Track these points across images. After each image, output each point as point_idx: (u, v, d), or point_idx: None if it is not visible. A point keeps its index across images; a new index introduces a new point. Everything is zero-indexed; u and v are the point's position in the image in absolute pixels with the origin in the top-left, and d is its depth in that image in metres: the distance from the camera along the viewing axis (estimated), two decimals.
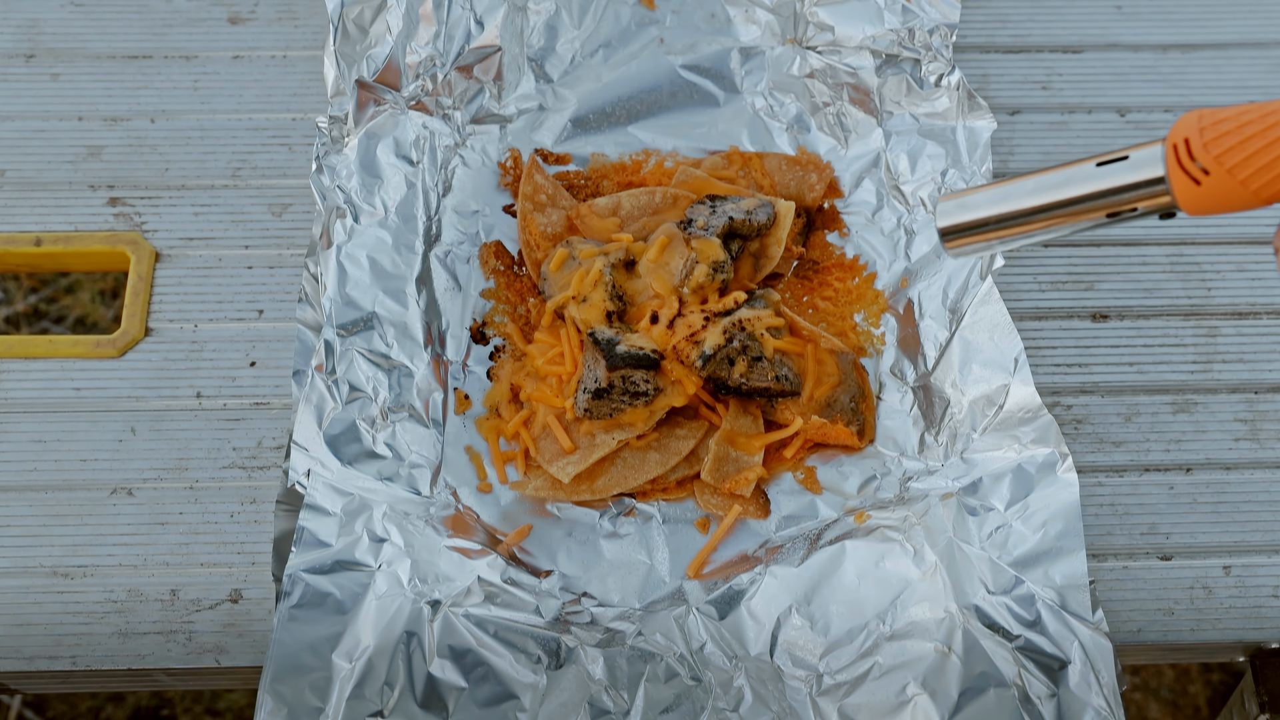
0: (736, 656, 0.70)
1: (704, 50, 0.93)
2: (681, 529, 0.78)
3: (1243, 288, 0.86)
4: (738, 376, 0.78)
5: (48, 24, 0.96)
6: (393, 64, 0.86)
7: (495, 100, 0.91)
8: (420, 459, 0.78)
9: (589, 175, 0.90)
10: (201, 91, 0.93)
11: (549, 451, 0.79)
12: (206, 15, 0.96)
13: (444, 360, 0.82)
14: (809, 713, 0.68)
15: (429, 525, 0.74)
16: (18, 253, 0.87)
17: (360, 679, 0.67)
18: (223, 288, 0.86)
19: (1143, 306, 0.86)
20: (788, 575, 0.72)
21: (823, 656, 0.69)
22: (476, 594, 0.71)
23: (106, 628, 0.74)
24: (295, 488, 0.73)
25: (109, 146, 0.91)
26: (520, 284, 0.86)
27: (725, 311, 0.79)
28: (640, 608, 0.74)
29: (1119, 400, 0.83)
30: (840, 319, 0.84)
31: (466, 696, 0.67)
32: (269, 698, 0.66)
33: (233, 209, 0.89)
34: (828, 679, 0.69)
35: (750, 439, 0.79)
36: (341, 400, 0.76)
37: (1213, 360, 0.84)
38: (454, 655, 0.68)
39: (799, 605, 0.71)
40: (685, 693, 0.69)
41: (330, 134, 0.84)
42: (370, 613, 0.69)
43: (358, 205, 0.83)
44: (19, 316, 1.65)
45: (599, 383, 0.76)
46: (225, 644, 0.75)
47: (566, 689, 0.68)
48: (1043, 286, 0.86)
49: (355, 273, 0.81)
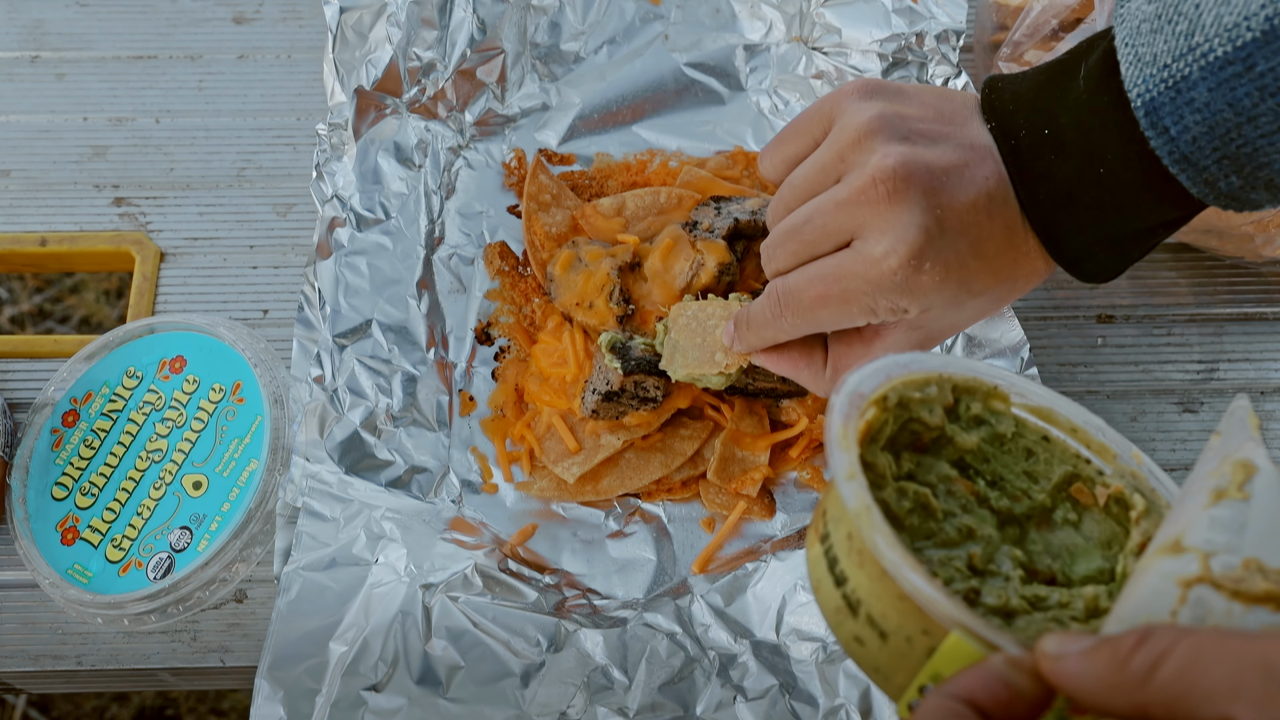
0: (743, 637, 0.70)
1: (709, 47, 0.93)
2: (687, 528, 0.78)
3: (1248, 289, 0.86)
4: (743, 376, 0.78)
5: (53, 24, 0.96)
6: (393, 69, 0.86)
7: (499, 101, 0.91)
8: (424, 462, 0.78)
9: (593, 175, 0.90)
10: (206, 92, 0.93)
11: (554, 452, 0.79)
12: (211, 15, 0.97)
13: (447, 363, 0.82)
14: (815, 682, 0.68)
15: (430, 526, 0.74)
16: (23, 252, 0.87)
17: (356, 657, 0.67)
18: (227, 288, 0.86)
19: (1149, 307, 0.86)
20: (793, 557, 0.73)
21: (829, 627, 0.70)
22: (475, 583, 0.71)
23: (111, 627, 0.74)
24: (295, 497, 0.73)
25: (114, 146, 0.91)
26: (525, 284, 0.86)
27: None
28: (644, 599, 0.75)
29: (1125, 401, 0.82)
30: None
31: (464, 674, 0.67)
32: (265, 683, 0.66)
33: (237, 209, 0.89)
34: (833, 647, 0.69)
35: (756, 439, 0.79)
36: (343, 408, 0.76)
37: (1219, 361, 0.84)
38: (451, 636, 0.68)
39: (804, 581, 0.71)
40: (687, 666, 0.69)
41: (330, 140, 0.84)
42: (367, 600, 0.69)
43: (358, 212, 0.83)
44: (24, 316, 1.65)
45: (610, 386, 0.76)
46: (230, 644, 0.75)
47: (566, 667, 0.68)
48: (1048, 287, 0.86)
49: (355, 280, 0.81)
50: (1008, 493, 0.51)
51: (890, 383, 0.50)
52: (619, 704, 0.68)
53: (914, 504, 0.49)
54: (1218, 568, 0.39)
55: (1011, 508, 0.51)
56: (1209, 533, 0.40)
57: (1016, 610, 0.46)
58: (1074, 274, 0.60)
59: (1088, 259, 0.59)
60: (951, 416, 0.52)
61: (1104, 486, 0.51)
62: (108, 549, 0.73)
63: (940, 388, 0.52)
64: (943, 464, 0.51)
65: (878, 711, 0.67)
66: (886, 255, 0.57)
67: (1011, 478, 0.52)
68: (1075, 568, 0.50)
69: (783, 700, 0.68)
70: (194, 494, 0.75)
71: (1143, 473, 0.51)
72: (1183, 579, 0.39)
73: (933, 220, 0.57)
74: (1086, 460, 0.52)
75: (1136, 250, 0.59)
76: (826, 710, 0.67)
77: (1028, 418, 0.53)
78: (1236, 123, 0.51)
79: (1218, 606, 0.39)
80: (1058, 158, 0.56)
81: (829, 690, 0.68)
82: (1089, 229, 0.57)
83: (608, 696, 0.68)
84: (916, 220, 0.56)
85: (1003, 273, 0.60)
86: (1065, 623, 0.46)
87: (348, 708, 0.66)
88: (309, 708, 0.66)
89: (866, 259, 0.58)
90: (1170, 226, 0.58)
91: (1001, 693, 0.39)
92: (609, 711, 0.67)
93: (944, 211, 0.57)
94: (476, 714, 0.67)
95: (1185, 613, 0.39)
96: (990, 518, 0.50)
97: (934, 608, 0.42)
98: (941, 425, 0.51)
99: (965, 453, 0.52)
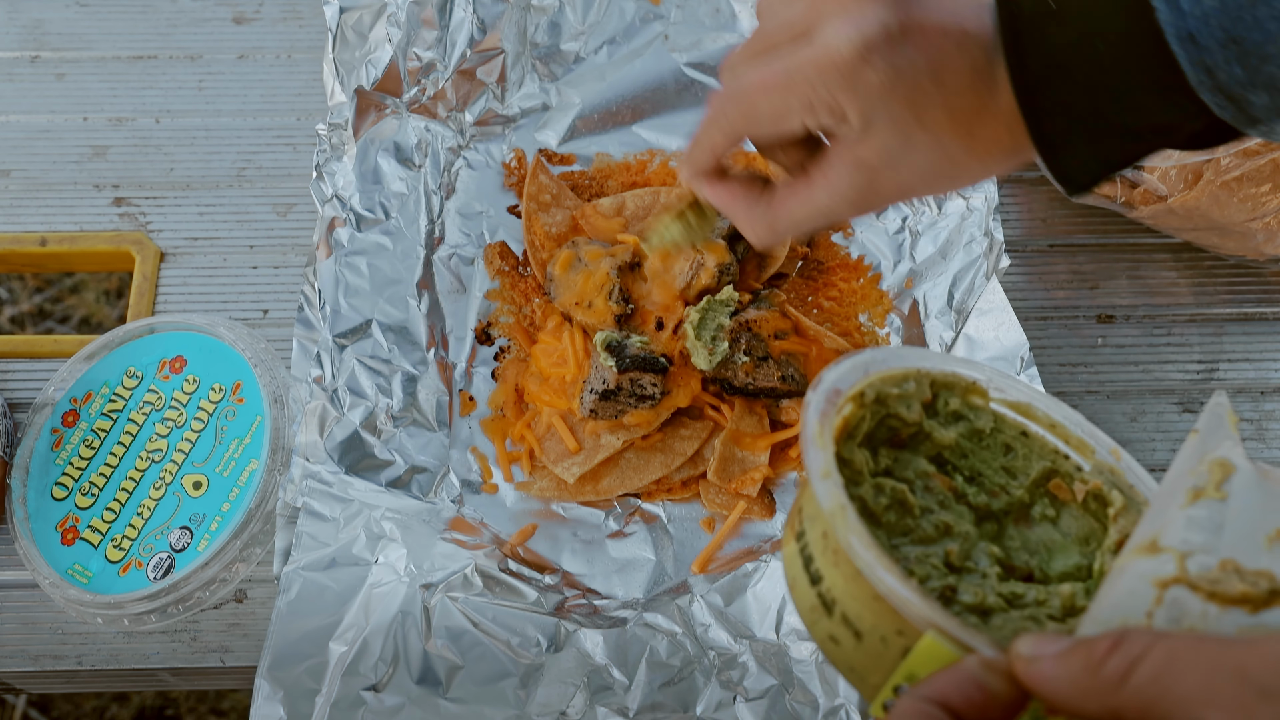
0: (743, 637, 0.70)
1: (708, 47, 0.93)
2: (687, 528, 0.78)
3: (1249, 289, 0.86)
4: (744, 377, 0.78)
5: (53, 24, 0.96)
6: (393, 69, 0.86)
7: (499, 101, 0.91)
8: (424, 462, 0.78)
9: (593, 175, 0.90)
10: (206, 91, 0.93)
11: (554, 452, 0.79)
12: (211, 15, 0.97)
13: (448, 363, 0.82)
14: (815, 682, 0.68)
15: (430, 526, 0.74)
16: (23, 252, 0.87)
17: (356, 657, 0.67)
18: (227, 288, 0.86)
19: (1149, 307, 0.86)
20: None
21: None
22: (475, 583, 0.71)
23: (111, 627, 0.74)
24: (295, 497, 0.73)
25: (114, 146, 0.91)
26: (525, 284, 0.86)
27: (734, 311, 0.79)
28: (644, 599, 0.75)
29: (1125, 401, 0.82)
30: (845, 319, 0.84)
31: (464, 674, 0.67)
32: (265, 683, 0.66)
33: (237, 209, 0.89)
34: None
35: (756, 439, 0.79)
36: (343, 408, 0.76)
37: (1219, 361, 0.84)
38: (451, 636, 0.68)
39: None
40: (687, 666, 0.69)
41: (330, 140, 0.84)
42: (367, 600, 0.69)
43: (358, 211, 0.83)
44: (24, 316, 1.65)
45: (606, 384, 0.76)
46: (230, 644, 0.75)
47: (566, 667, 0.68)
48: (1048, 287, 0.86)
49: (355, 280, 0.81)
50: (986, 488, 0.51)
51: (868, 378, 0.50)
52: (619, 704, 0.68)
53: (891, 500, 0.48)
54: (1194, 568, 0.39)
55: (989, 504, 0.51)
56: (1186, 533, 0.40)
57: (993, 608, 0.46)
58: (1050, 164, 0.57)
59: (1066, 146, 0.56)
60: (930, 412, 0.52)
61: (1082, 483, 0.51)
62: (108, 549, 0.73)
63: (918, 383, 0.51)
64: (920, 460, 0.51)
65: None
66: (838, 41, 0.54)
67: (990, 473, 0.52)
68: (1053, 564, 0.50)
69: (783, 700, 0.68)
70: (194, 494, 0.75)
71: (1121, 469, 0.51)
72: (1159, 579, 0.39)
73: (895, 21, 0.54)
74: (1065, 456, 0.52)
75: (1117, 155, 0.56)
76: (826, 710, 0.67)
77: (1006, 413, 0.53)
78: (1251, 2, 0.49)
79: (1194, 608, 0.38)
80: (1057, 27, 0.54)
81: (829, 690, 0.68)
82: (1075, 111, 0.55)
83: (608, 696, 0.68)
84: (879, 14, 0.54)
85: (959, 116, 0.56)
86: (1042, 621, 0.46)
87: (348, 708, 0.66)
88: (309, 708, 0.66)
89: (816, 44, 0.55)
90: (1158, 135, 0.55)
91: (976, 695, 0.39)
92: (609, 711, 0.67)
93: (909, 20, 0.55)
94: (476, 714, 0.67)
95: (1161, 614, 0.39)
96: (968, 514, 0.50)
97: (908, 608, 0.42)
98: (919, 421, 0.51)
99: (943, 448, 0.52)
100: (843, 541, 0.44)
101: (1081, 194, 0.58)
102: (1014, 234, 0.88)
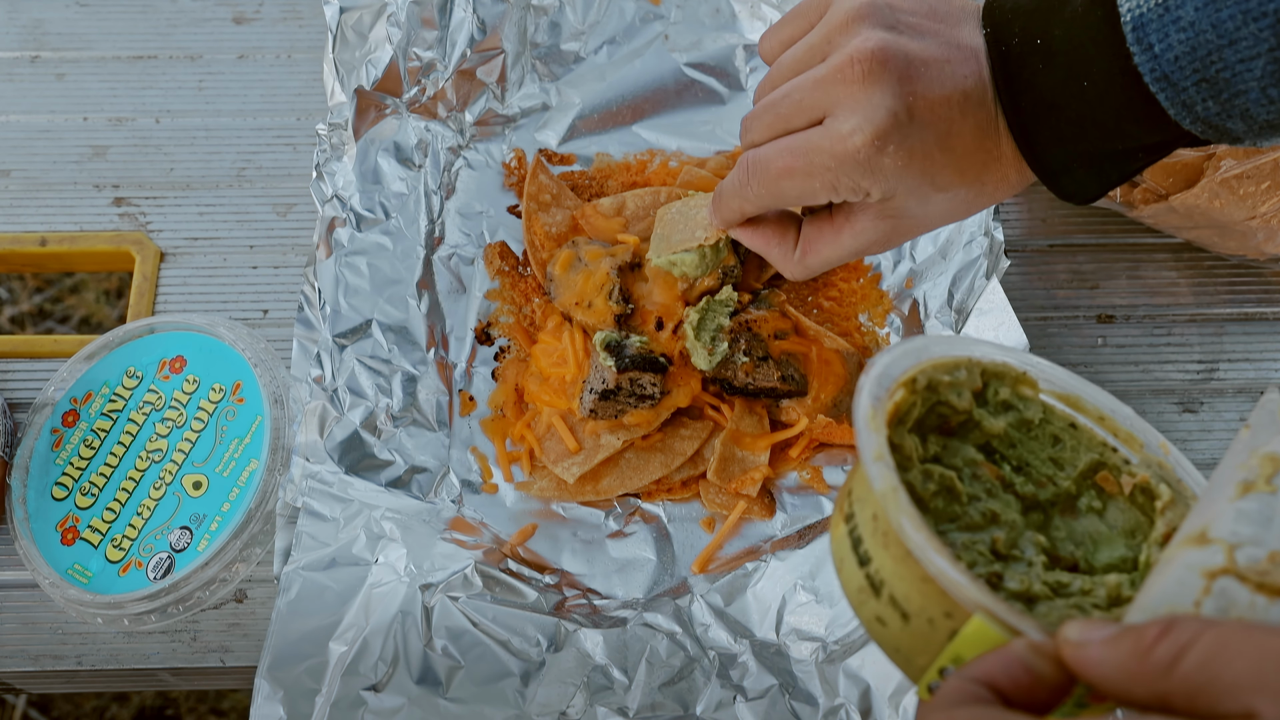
0: (743, 637, 0.70)
1: (709, 47, 0.93)
2: (687, 528, 0.78)
3: (1249, 289, 0.86)
4: (744, 377, 0.78)
5: (53, 24, 0.96)
6: (393, 69, 0.86)
7: (499, 101, 0.91)
8: (424, 462, 0.78)
9: (593, 175, 0.90)
10: (206, 92, 0.94)
11: (554, 452, 0.79)
12: (211, 15, 0.97)
13: (447, 363, 0.82)
14: (815, 682, 0.68)
15: (430, 526, 0.74)
16: (23, 252, 0.87)
17: (356, 657, 0.67)
18: (227, 288, 0.86)
19: (1149, 307, 0.86)
20: (793, 556, 0.73)
21: (828, 626, 0.70)
22: (475, 583, 0.71)
23: (111, 627, 0.74)
24: (295, 497, 0.73)
25: (114, 147, 0.91)
26: (525, 284, 0.86)
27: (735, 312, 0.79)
28: (644, 599, 0.75)
29: (1125, 401, 0.82)
30: (845, 319, 0.84)
31: (464, 674, 0.67)
32: (265, 683, 0.66)
33: (237, 209, 0.89)
34: (833, 646, 0.69)
35: (756, 439, 0.79)
36: (343, 408, 0.76)
37: (1219, 361, 0.84)
38: (451, 635, 0.69)
39: (804, 581, 0.71)
40: (687, 666, 0.69)
41: (330, 140, 0.84)
42: (367, 600, 0.69)
43: (358, 211, 0.83)
44: (24, 316, 1.65)
45: (606, 384, 0.76)
46: (230, 644, 0.75)
47: (566, 667, 0.68)
48: (1048, 287, 0.86)
49: (355, 280, 0.81)
50: (1033, 478, 0.51)
51: (920, 365, 0.50)
52: (619, 704, 0.68)
53: (939, 487, 0.49)
54: (1243, 560, 0.39)
55: (1036, 493, 0.51)
56: (1235, 525, 0.40)
57: (1038, 596, 0.46)
58: (1053, 188, 0.61)
59: (1066, 174, 0.60)
60: (979, 401, 0.52)
61: (1130, 475, 0.51)
62: (108, 549, 0.73)
63: (969, 372, 0.52)
64: (969, 448, 0.51)
65: (877, 711, 0.67)
66: (853, 133, 0.59)
67: (1037, 464, 0.52)
68: (1098, 555, 0.50)
69: (783, 700, 0.68)
70: (194, 494, 0.75)
71: (1170, 463, 0.51)
72: (1207, 570, 0.39)
73: (902, 106, 0.58)
74: (1113, 449, 0.52)
75: (1115, 173, 0.60)
76: (826, 710, 0.67)
77: (1055, 404, 0.53)
78: (1218, 45, 0.52)
79: (1242, 599, 0.39)
80: (1045, 68, 0.57)
81: (829, 690, 0.68)
82: (1069, 142, 0.58)
83: (608, 696, 0.68)
84: (886, 103, 0.58)
85: (969, 173, 0.61)
86: (1087, 610, 0.46)
87: (348, 708, 0.66)
88: (309, 708, 0.66)
89: (834, 135, 0.60)
90: (1150, 153, 0.59)
91: (1022, 677, 0.39)
92: (609, 711, 0.67)
93: (915, 100, 0.58)
94: (476, 714, 0.67)
95: (1209, 604, 0.39)
96: (1015, 503, 0.50)
97: (957, 591, 0.42)
98: (969, 409, 0.51)
99: (992, 437, 0.52)
100: (894, 523, 0.44)
101: (1086, 204, 0.61)
102: (1014, 234, 0.88)
